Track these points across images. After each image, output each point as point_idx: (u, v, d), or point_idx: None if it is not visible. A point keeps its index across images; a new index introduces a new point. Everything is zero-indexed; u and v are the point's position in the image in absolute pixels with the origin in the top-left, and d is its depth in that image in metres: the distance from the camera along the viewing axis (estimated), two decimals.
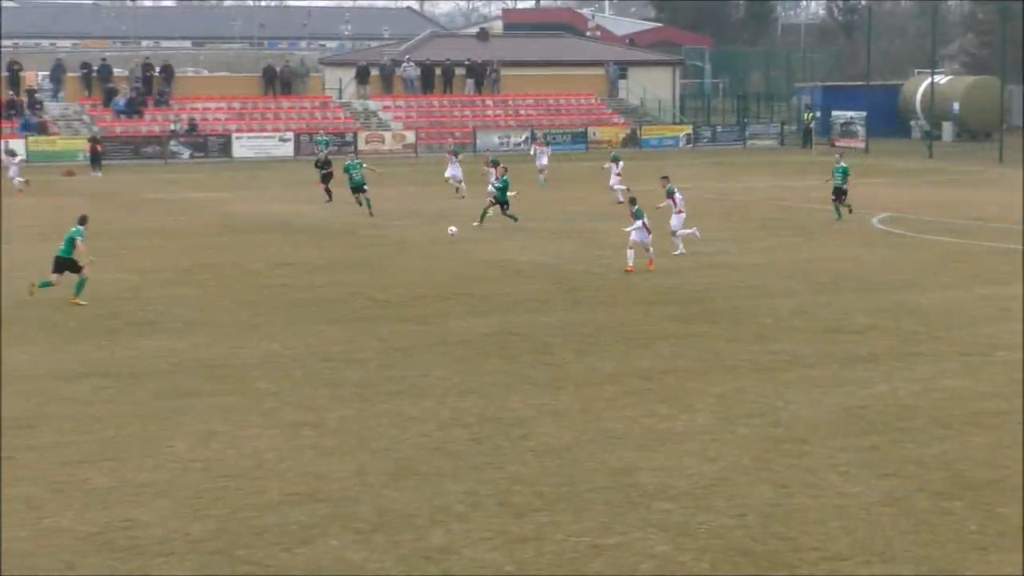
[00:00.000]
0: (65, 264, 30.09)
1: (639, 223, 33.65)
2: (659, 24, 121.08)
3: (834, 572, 14.65)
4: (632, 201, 35.10)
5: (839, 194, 44.61)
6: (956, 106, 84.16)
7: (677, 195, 37.28)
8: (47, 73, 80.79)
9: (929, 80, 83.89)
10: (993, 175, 61.72)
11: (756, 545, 15.32)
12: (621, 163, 52.29)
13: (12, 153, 59.60)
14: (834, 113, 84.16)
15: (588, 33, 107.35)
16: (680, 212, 37.23)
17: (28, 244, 39.39)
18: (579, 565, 14.78)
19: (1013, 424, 20.33)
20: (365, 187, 46.41)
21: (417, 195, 52.74)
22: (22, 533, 15.57)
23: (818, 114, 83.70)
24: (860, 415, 20.83)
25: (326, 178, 51.23)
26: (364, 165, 47.97)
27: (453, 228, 37.85)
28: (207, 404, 21.34)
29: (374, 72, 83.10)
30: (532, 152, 58.19)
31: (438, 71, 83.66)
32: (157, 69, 79.55)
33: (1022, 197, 48.58)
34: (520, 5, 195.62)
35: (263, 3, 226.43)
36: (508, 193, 43.15)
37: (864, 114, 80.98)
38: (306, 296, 31.06)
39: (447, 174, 52.68)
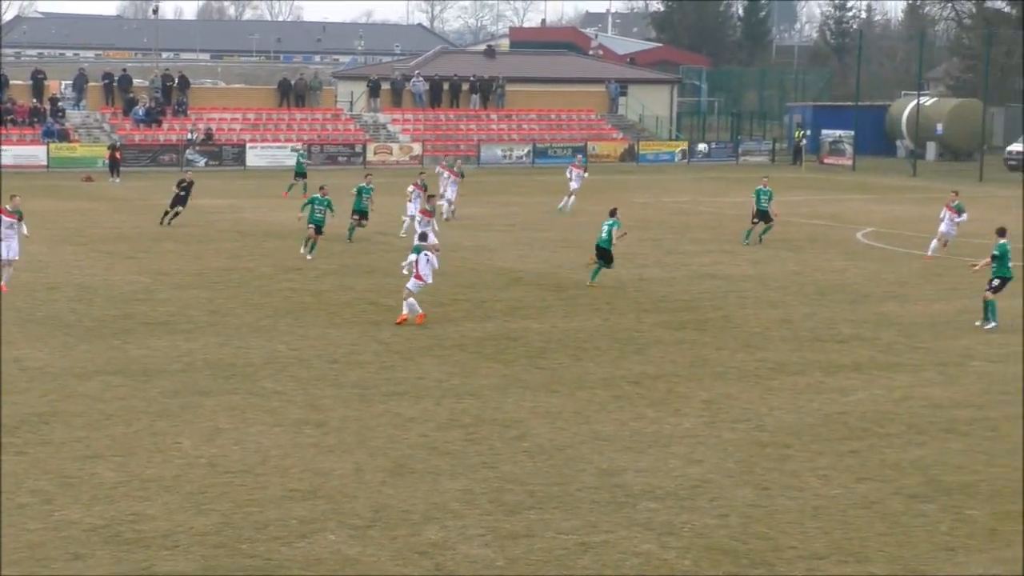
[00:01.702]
0: (604, 253, 34.28)
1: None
2: (659, 44, 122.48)
3: (811, 570, 15.23)
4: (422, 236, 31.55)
5: (763, 217, 42.96)
6: (940, 127, 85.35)
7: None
8: (70, 82, 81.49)
9: (915, 101, 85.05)
10: (973, 194, 62.46)
11: (737, 544, 15.92)
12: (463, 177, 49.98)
13: None
14: (824, 132, 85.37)
15: (591, 52, 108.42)
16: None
17: (49, 246, 40.02)
18: (567, 562, 15.34)
19: (986, 431, 21.07)
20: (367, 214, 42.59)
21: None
22: (33, 526, 16.09)
23: (808, 132, 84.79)
24: (841, 421, 21.50)
25: (179, 200, 45.73)
26: (372, 191, 43.18)
27: None
28: (215, 402, 21.95)
29: (385, 86, 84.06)
30: (568, 174, 52.92)
31: (446, 86, 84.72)
32: (175, 80, 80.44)
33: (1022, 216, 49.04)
34: (526, 24, 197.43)
35: (280, 18, 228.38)
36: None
37: (852, 133, 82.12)
38: (312, 300, 31.71)
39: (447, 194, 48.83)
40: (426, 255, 28.79)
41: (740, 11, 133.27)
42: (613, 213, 35.17)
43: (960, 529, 16.58)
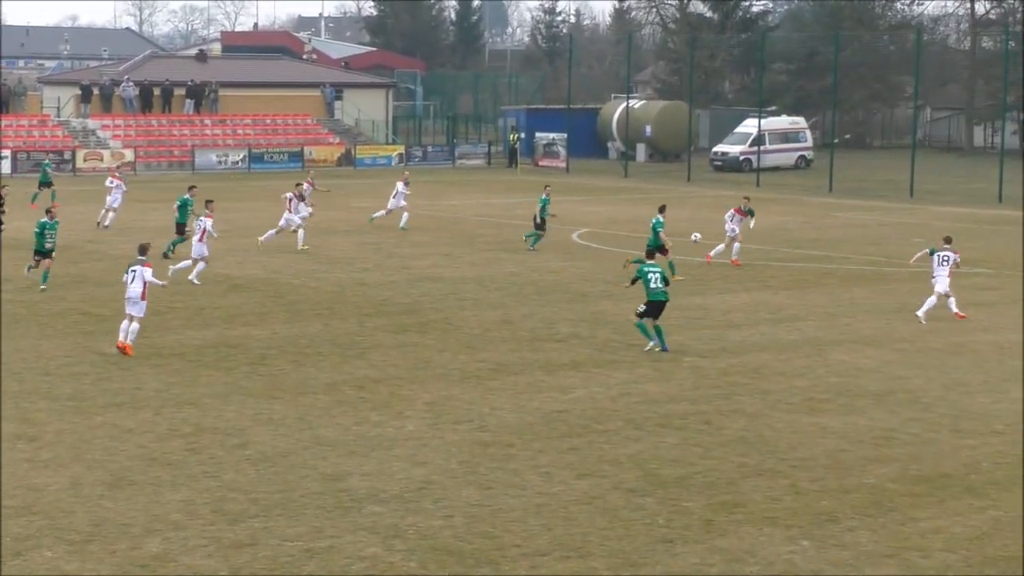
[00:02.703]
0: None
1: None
2: (373, 48, 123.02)
3: (534, 568, 15.51)
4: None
5: (541, 226, 42.92)
6: (649, 129, 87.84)
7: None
8: None
9: (625, 104, 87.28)
10: (682, 193, 64.56)
11: (462, 544, 16.12)
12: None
13: None
14: (538, 134, 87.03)
15: (304, 56, 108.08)
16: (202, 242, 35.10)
17: None
18: (292, 568, 15.32)
19: (700, 424, 21.75)
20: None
21: (138, 210, 52.21)
22: None
23: (523, 135, 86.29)
24: (561, 419, 21.92)
25: None
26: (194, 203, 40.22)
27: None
28: None
29: (94, 91, 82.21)
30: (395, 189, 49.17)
31: (157, 91, 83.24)
32: None
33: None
34: (238, 28, 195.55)
35: None
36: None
37: (565, 136, 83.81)
38: (23, 311, 30.81)
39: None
40: (133, 271, 26.83)
41: (453, 15, 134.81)
42: (662, 210, 37.03)
43: (677, 521, 17.07)
